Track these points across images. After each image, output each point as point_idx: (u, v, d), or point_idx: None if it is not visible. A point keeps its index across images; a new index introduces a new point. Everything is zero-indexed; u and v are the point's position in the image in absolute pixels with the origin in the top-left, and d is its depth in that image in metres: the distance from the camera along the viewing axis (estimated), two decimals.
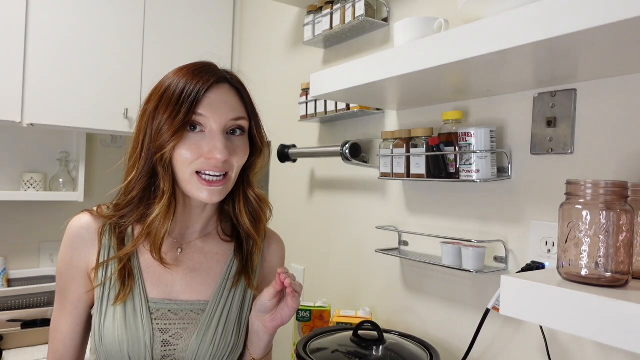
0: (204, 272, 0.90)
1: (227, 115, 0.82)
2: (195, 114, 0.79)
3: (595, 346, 0.90)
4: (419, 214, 1.29)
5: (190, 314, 0.86)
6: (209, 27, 2.18)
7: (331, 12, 1.50)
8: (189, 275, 0.88)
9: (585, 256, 0.67)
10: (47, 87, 1.80)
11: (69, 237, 0.86)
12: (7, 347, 1.55)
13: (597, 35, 0.64)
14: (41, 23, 1.79)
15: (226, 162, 0.81)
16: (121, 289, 0.82)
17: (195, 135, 0.81)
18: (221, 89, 0.83)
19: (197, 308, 0.87)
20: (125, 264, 0.84)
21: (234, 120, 0.83)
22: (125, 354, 0.80)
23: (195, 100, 0.79)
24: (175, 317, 0.85)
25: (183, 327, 0.85)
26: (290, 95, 1.82)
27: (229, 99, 0.83)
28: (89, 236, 0.86)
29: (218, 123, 0.80)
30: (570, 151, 0.95)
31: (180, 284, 0.87)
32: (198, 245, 0.91)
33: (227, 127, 0.82)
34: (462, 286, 1.16)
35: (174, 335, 0.84)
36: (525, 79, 0.95)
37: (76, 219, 0.88)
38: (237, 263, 0.92)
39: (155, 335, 0.82)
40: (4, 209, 2.07)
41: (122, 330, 0.81)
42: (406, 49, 0.90)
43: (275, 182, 1.95)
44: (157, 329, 0.83)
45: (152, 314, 0.83)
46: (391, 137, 1.24)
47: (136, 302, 0.83)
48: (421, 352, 1.05)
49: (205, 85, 0.80)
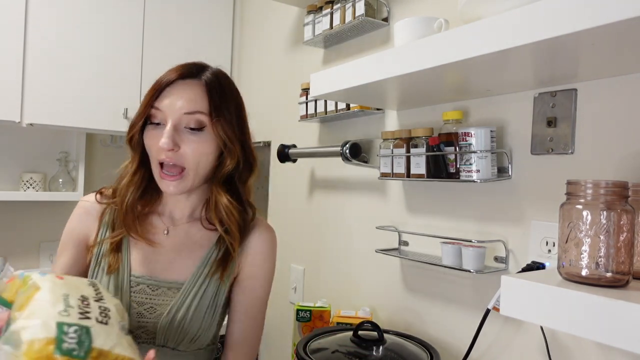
0: (185, 255, 0.95)
1: (181, 108, 0.86)
2: (153, 107, 0.87)
3: (595, 346, 0.90)
4: (419, 214, 1.29)
5: (167, 291, 0.91)
6: (209, 27, 2.18)
7: (331, 12, 1.50)
8: (171, 256, 0.94)
9: (585, 256, 0.67)
10: (46, 87, 1.80)
11: (78, 211, 0.97)
12: None
13: (597, 35, 0.64)
14: (41, 23, 1.78)
15: (177, 153, 0.86)
16: (111, 263, 0.91)
17: (157, 129, 0.88)
18: (185, 84, 0.88)
19: (174, 287, 0.92)
20: (116, 242, 0.93)
21: (188, 114, 0.86)
22: None
23: (155, 94, 0.88)
24: (152, 293, 0.91)
25: (158, 303, 0.90)
26: (290, 95, 1.82)
27: (187, 93, 0.87)
28: (95, 213, 0.96)
29: (170, 116, 0.86)
30: (570, 151, 0.94)
31: (162, 263, 0.93)
32: (184, 228, 0.97)
33: (180, 121, 0.87)
34: (462, 286, 1.16)
35: (148, 309, 0.90)
36: (525, 79, 0.95)
37: (88, 196, 0.99)
38: (218, 252, 0.95)
39: (132, 306, 0.89)
40: (3, 209, 2.07)
41: None
42: (406, 49, 0.90)
43: (275, 182, 1.95)
44: (134, 300, 0.90)
45: (132, 287, 0.91)
46: (391, 137, 1.23)
47: (120, 275, 0.91)
48: (421, 352, 1.05)
49: (167, 79, 0.88)
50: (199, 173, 0.90)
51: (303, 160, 1.74)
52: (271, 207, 1.95)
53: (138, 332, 0.89)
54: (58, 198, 2.01)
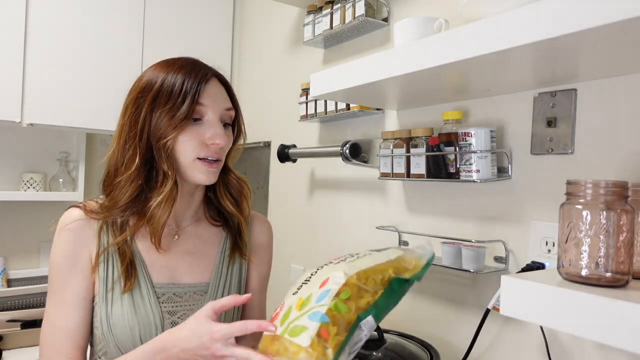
0: (200, 255, 0.96)
1: (222, 105, 0.90)
2: (198, 104, 0.86)
3: (595, 346, 0.90)
4: (419, 214, 1.29)
5: (194, 295, 0.92)
6: (209, 27, 2.18)
7: (331, 12, 1.50)
8: (188, 259, 0.94)
9: (585, 256, 0.67)
10: (47, 87, 1.80)
11: (70, 231, 0.88)
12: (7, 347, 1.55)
13: (597, 35, 0.64)
14: (41, 23, 1.79)
15: (222, 148, 0.89)
16: (127, 279, 0.86)
17: (196, 124, 0.87)
18: (215, 82, 0.90)
19: (199, 290, 0.93)
20: (126, 255, 0.87)
21: (227, 110, 0.91)
22: (137, 337, 0.85)
23: (197, 92, 0.86)
24: (180, 300, 0.90)
25: (189, 308, 0.90)
26: (290, 95, 1.82)
27: (221, 91, 0.91)
28: (89, 231, 0.88)
29: (216, 112, 0.88)
30: (570, 151, 0.94)
31: (180, 268, 0.93)
32: (192, 230, 0.97)
33: (222, 117, 0.90)
34: (462, 286, 1.16)
35: (181, 316, 0.89)
36: (525, 79, 0.95)
37: (71, 213, 0.89)
38: (229, 242, 0.99)
39: (164, 317, 0.87)
40: (3, 209, 2.07)
41: (132, 316, 0.85)
42: (406, 49, 0.90)
43: (275, 182, 1.95)
44: (166, 311, 0.88)
45: (158, 298, 0.88)
46: (391, 137, 1.23)
47: (142, 288, 0.87)
48: (421, 352, 1.05)
49: (205, 78, 0.88)
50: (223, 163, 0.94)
51: (303, 160, 1.74)
52: (271, 207, 1.95)
53: None
54: (58, 198, 2.01)
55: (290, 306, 0.69)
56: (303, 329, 0.63)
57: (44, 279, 2.04)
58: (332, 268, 0.72)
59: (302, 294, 0.70)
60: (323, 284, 0.68)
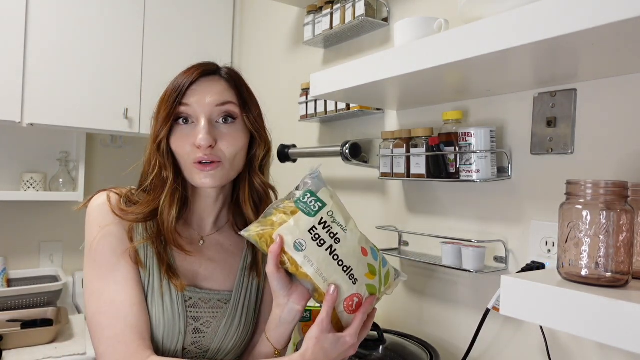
0: (222, 264, 0.94)
1: (212, 101, 0.84)
2: (182, 104, 0.84)
3: (595, 346, 0.90)
4: (419, 214, 1.29)
5: (218, 303, 0.90)
6: (209, 27, 2.18)
7: (331, 12, 1.50)
8: (210, 266, 0.92)
9: (585, 256, 0.67)
10: (47, 87, 1.80)
11: (110, 214, 0.84)
12: (7, 347, 1.55)
13: (597, 35, 0.64)
14: (41, 23, 1.79)
15: (214, 149, 0.83)
16: (176, 281, 0.84)
17: (187, 127, 0.85)
18: (208, 80, 0.87)
19: (223, 298, 0.91)
20: (163, 257, 0.85)
21: (219, 105, 0.85)
22: (160, 338, 0.83)
23: (180, 92, 0.84)
24: (205, 306, 0.89)
25: (212, 316, 0.89)
26: (290, 95, 1.82)
27: (214, 87, 0.86)
28: (124, 226, 0.85)
29: (202, 111, 0.84)
30: (570, 151, 0.95)
31: (203, 273, 0.91)
32: (216, 238, 0.96)
33: (213, 114, 0.85)
34: (462, 286, 1.16)
35: (204, 323, 0.88)
36: (525, 79, 0.95)
37: (111, 199, 0.86)
38: (250, 255, 0.97)
39: (188, 323, 0.86)
40: (4, 209, 2.07)
41: (160, 314, 0.84)
42: (406, 49, 0.90)
43: (275, 182, 1.94)
44: (190, 316, 0.86)
45: (185, 301, 0.86)
46: (391, 137, 1.23)
47: (172, 289, 0.85)
48: (421, 352, 1.05)
49: (190, 78, 0.85)
50: (235, 166, 0.88)
51: (303, 160, 1.74)
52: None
53: (191, 348, 0.86)
54: (58, 198, 2.01)
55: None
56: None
57: (44, 279, 2.04)
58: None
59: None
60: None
